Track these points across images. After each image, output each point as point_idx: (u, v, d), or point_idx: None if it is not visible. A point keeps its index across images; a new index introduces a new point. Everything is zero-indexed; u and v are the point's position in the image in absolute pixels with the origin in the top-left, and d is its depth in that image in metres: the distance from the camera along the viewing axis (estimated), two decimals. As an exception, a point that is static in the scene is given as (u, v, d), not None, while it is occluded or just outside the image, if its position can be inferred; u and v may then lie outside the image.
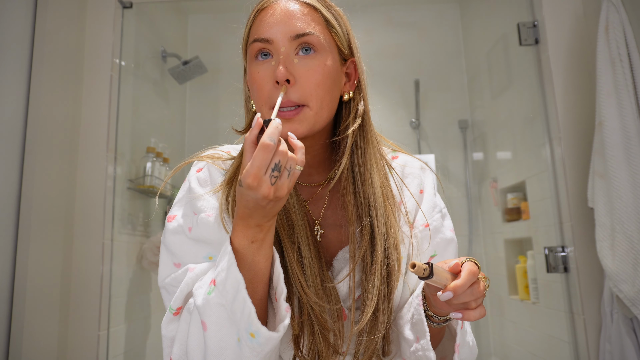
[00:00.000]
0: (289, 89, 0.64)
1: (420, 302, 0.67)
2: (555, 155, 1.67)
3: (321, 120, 0.66)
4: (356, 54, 0.72)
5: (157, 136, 2.16)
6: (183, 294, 0.64)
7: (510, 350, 2.21)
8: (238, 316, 0.56)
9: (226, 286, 0.56)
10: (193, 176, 0.72)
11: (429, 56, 2.64)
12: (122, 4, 1.85)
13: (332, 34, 0.68)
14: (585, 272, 1.56)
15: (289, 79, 0.63)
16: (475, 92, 2.55)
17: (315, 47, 0.66)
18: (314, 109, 0.65)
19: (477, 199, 2.52)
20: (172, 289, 0.68)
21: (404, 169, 0.79)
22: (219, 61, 2.58)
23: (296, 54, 0.65)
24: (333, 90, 0.67)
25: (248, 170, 0.53)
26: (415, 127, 2.57)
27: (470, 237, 2.46)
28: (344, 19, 0.72)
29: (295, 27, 0.65)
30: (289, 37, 0.65)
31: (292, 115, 0.63)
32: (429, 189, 0.79)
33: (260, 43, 0.66)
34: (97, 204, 1.70)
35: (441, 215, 0.77)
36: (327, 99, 0.66)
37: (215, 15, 2.75)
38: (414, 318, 0.67)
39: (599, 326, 1.52)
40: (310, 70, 0.65)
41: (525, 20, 1.78)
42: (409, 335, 0.68)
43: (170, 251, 0.69)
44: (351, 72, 0.72)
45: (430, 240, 0.74)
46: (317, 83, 0.64)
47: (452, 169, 2.56)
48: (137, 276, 1.96)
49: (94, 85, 1.77)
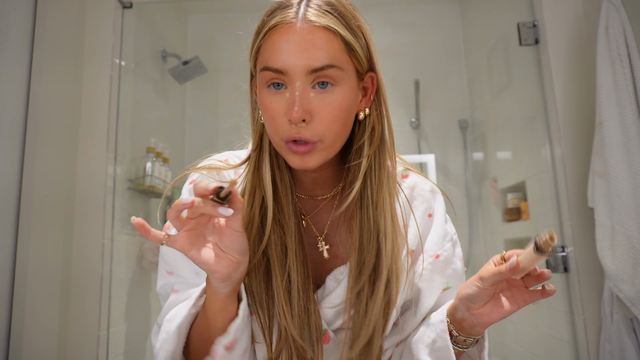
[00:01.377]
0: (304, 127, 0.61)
1: (444, 328, 0.65)
2: (555, 155, 1.67)
3: (334, 151, 0.64)
4: (376, 66, 0.67)
5: (157, 136, 2.15)
6: (165, 313, 0.69)
7: (510, 350, 2.21)
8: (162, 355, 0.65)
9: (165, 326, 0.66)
10: (185, 189, 0.72)
11: (429, 56, 2.63)
12: (122, 4, 1.85)
13: (352, 58, 0.63)
14: (585, 272, 1.56)
15: (305, 118, 0.60)
16: (475, 92, 2.55)
17: (334, 81, 0.61)
18: (327, 142, 0.62)
19: (477, 199, 2.52)
20: (161, 299, 0.74)
21: (413, 191, 0.75)
22: (219, 61, 2.58)
23: (312, 87, 0.61)
24: (348, 121, 0.64)
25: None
26: (415, 127, 2.57)
27: (470, 237, 2.46)
28: (364, 29, 0.65)
29: (312, 60, 0.59)
30: (306, 71, 0.59)
31: (305, 151, 0.61)
32: (439, 215, 0.75)
33: (273, 73, 0.60)
34: (97, 204, 1.70)
35: (452, 244, 0.74)
36: (342, 131, 0.63)
37: (215, 15, 2.75)
38: (437, 344, 0.65)
39: (599, 326, 1.52)
40: (327, 106, 0.61)
41: (525, 20, 1.78)
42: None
43: (164, 260, 0.72)
44: (368, 86, 0.68)
45: (441, 272, 0.72)
46: (333, 119, 0.61)
47: (452, 169, 2.56)
48: (137, 276, 1.96)
49: (94, 85, 1.77)
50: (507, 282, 0.63)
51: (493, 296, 0.62)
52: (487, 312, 0.62)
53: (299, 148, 0.61)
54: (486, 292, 0.61)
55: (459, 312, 0.64)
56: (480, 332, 0.64)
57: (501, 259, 0.60)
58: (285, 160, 0.64)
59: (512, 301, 0.62)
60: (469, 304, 0.63)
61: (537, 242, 0.53)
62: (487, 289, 0.61)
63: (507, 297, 0.62)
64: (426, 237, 0.74)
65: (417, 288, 0.71)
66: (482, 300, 0.62)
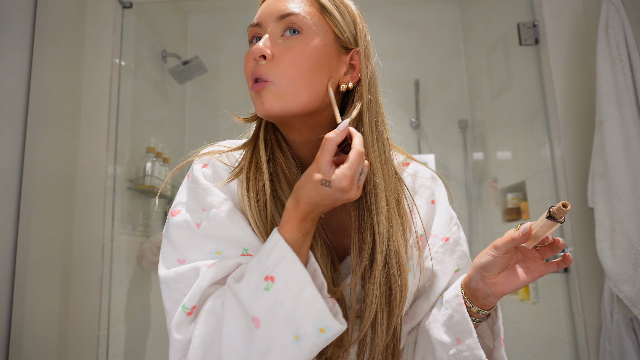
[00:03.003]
0: (262, 65, 0.64)
1: (461, 301, 0.66)
2: (555, 155, 1.67)
3: (297, 102, 0.63)
4: (361, 45, 0.69)
5: (157, 136, 2.16)
6: (200, 289, 0.61)
7: (510, 350, 2.21)
8: (301, 313, 0.55)
9: (289, 283, 0.56)
10: (199, 171, 0.70)
11: (429, 56, 2.64)
12: (122, 4, 1.85)
13: (327, 19, 0.67)
14: (585, 272, 1.56)
15: (264, 54, 0.63)
16: (475, 92, 2.55)
17: (301, 28, 0.64)
18: (281, 86, 0.63)
19: (477, 199, 2.52)
20: (174, 285, 0.64)
21: (416, 179, 0.77)
22: (219, 61, 2.58)
23: (282, 35, 0.65)
24: (316, 73, 0.65)
25: (346, 175, 0.55)
26: (415, 127, 2.57)
27: (470, 237, 2.46)
28: (350, 9, 0.70)
29: (281, 7, 0.65)
30: (275, 18, 0.65)
31: (258, 87, 0.63)
32: (442, 200, 0.77)
33: (254, 28, 0.67)
34: (97, 204, 1.70)
35: (457, 227, 0.76)
36: (304, 80, 0.63)
37: (215, 15, 2.75)
38: (454, 319, 0.66)
39: (599, 326, 1.52)
40: (288, 49, 0.64)
41: (525, 20, 1.78)
42: (445, 338, 0.66)
43: (174, 246, 0.66)
44: (356, 64, 0.70)
45: (451, 254, 0.73)
46: (292, 63, 0.63)
47: (452, 169, 2.56)
48: (137, 276, 1.96)
49: (94, 85, 1.77)
50: (522, 254, 0.64)
51: (508, 266, 0.64)
52: (500, 281, 0.63)
53: (254, 85, 0.64)
54: (500, 260, 0.62)
55: (473, 281, 0.65)
56: (493, 302, 0.65)
57: (516, 230, 0.61)
58: (255, 108, 0.66)
59: (527, 272, 0.63)
60: (483, 273, 0.64)
61: (551, 209, 0.56)
62: (501, 257, 0.62)
63: (522, 267, 0.64)
64: (431, 222, 0.75)
65: (429, 272, 0.72)
66: (496, 268, 0.63)
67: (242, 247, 0.64)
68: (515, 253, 0.64)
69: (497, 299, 0.64)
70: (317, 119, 0.68)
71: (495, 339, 0.69)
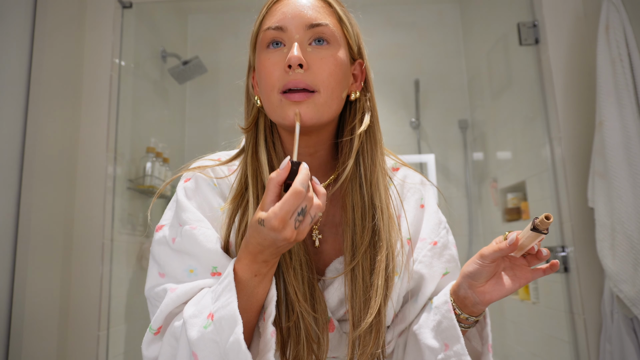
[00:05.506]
0: (302, 74, 0.63)
1: (449, 308, 0.66)
2: (555, 155, 1.67)
3: (329, 112, 0.65)
4: (365, 57, 0.73)
5: (157, 136, 2.16)
6: (163, 314, 0.63)
7: (510, 350, 2.21)
8: (231, 357, 0.55)
9: (223, 324, 0.56)
10: (181, 187, 0.71)
11: (429, 56, 2.64)
12: (122, 4, 1.85)
13: (344, 30, 0.68)
14: (585, 272, 1.56)
15: (302, 63, 0.62)
16: (475, 92, 2.55)
17: (329, 39, 0.65)
18: (324, 97, 0.64)
19: (477, 199, 2.52)
20: (153, 302, 0.68)
21: (404, 183, 0.78)
22: (219, 61, 2.58)
23: (309, 44, 0.65)
24: (342, 84, 0.67)
25: (276, 213, 0.52)
26: (415, 127, 2.57)
27: (470, 237, 2.46)
28: (353, 21, 0.72)
29: (309, 17, 0.65)
30: (304, 26, 0.64)
31: (303, 98, 0.62)
32: (431, 204, 0.77)
33: (274, 31, 0.65)
34: (97, 204, 1.70)
35: (446, 231, 0.76)
36: (337, 90, 0.65)
37: (215, 15, 2.75)
38: (443, 325, 0.66)
39: (599, 326, 1.52)
40: (323, 59, 0.64)
41: (525, 20, 1.78)
42: (434, 343, 0.67)
43: (155, 261, 0.69)
44: (357, 74, 0.72)
45: (439, 258, 0.73)
46: (329, 72, 0.64)
47: (452, 169, 2.56)
48: (137, 276, 1.96)
49: (94, 85, 1.77)
50: (510, 262, 0.65)
51: (495, 274, 0.64)
52: (488, 290, 0.64)
53: (295, 95, 0.62)
54: (487, 269, 0.63)
55: (461, 289, 0.66)
56: (482, 310, 0.66)
57: (503, 239, 0.61)
58: (281, 117, 0.64)
59: (514, 279, 0.64)
60: (471, 282, 0.64)
61: (535, 222, 0.57)
62: (488, 266, 0.62)
63: (509, 275, 0.64)
64: (420, 226, 0.75)
65: (418, 275, 0.72)
66: (483, 277, 0.63)
67: (212, 265, 0.65)
68: (503, 260, 0.65)
69: (486, 306, 0.65)
70: (328, 129, 0.70)
71: (483, 345, 0.70)
